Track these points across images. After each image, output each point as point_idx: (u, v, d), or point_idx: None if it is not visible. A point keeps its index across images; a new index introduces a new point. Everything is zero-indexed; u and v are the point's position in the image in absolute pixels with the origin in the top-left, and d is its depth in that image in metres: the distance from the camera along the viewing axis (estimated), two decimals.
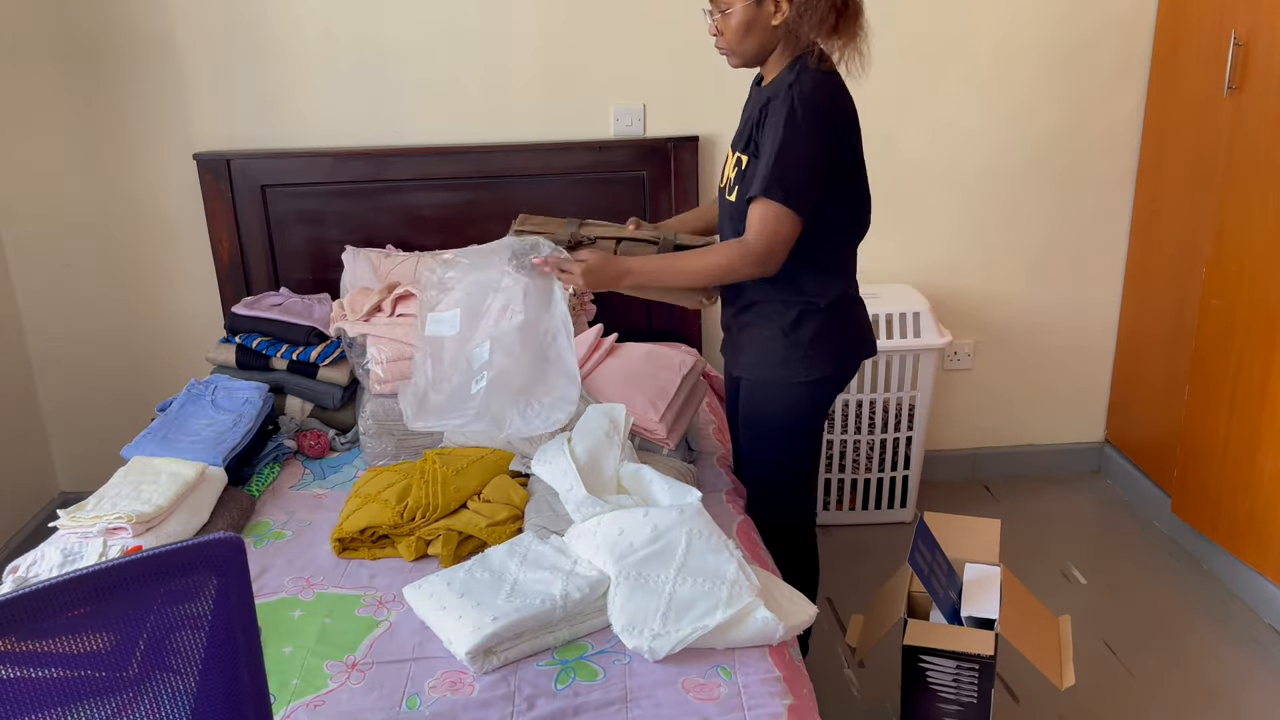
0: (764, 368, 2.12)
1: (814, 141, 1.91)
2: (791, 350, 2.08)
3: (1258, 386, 2.64)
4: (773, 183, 1.90)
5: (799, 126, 1.89)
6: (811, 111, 1.90)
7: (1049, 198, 3.20)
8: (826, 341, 2.09)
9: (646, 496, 1.97)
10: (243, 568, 1.18)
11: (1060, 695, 2.42)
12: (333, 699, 1.66)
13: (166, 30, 2.87)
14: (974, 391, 3.39)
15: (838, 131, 1.96)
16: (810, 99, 1.91)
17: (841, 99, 1.98)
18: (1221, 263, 2.76)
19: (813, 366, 2.08)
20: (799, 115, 1.89)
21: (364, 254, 2.91)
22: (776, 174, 1.90)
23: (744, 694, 1.63)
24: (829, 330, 2.09)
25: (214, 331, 2.99)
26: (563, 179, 2.99)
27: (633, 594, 1.76)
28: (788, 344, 2.08)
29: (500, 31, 2.92)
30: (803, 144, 1.90)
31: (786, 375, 2.10)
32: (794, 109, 1.90)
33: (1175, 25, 2.96)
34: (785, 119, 1.90)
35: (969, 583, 2.23)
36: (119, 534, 1.97)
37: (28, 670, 1.06)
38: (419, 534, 2.06)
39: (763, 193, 1.91)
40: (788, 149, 1.89)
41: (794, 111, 1.89)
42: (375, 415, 2.46)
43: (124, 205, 3.01)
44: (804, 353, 2.08)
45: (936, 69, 3.05)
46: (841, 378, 2.15)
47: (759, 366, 2.13)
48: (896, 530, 3.17)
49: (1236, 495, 2.75)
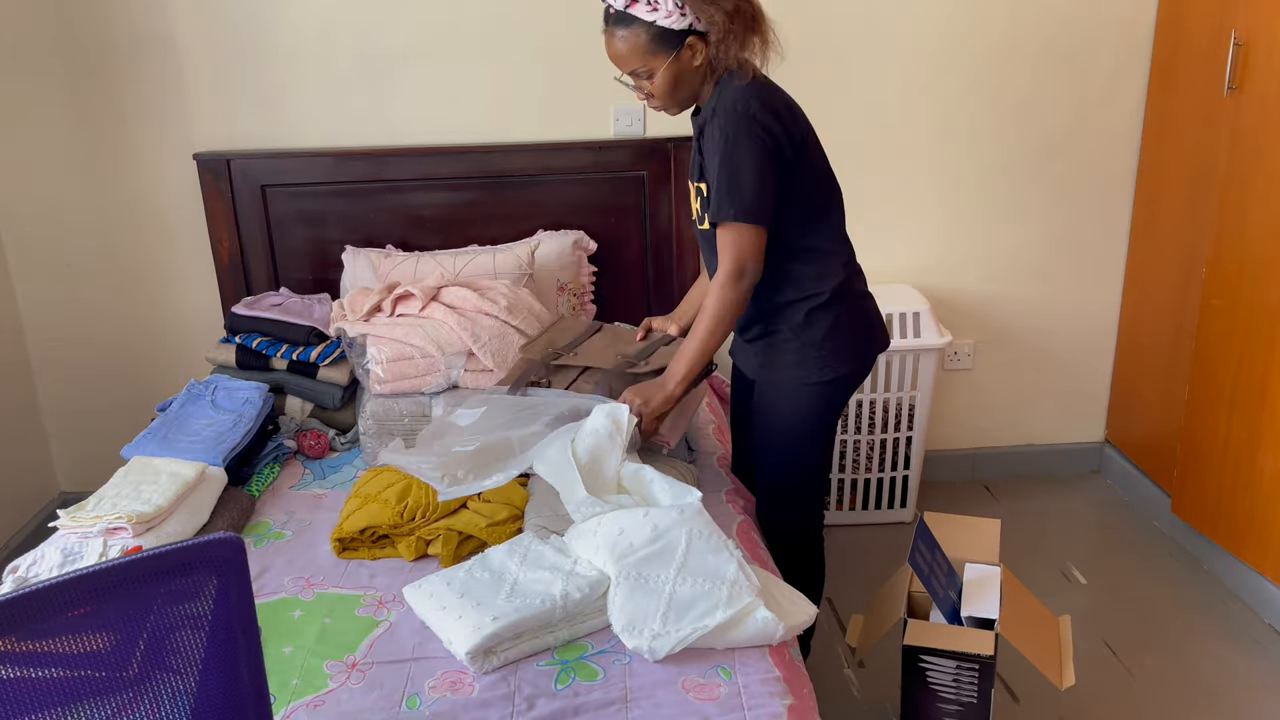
0: (778, 369, 2.12)
1: (751, 150, 1.94)
2: (805, 351, 2.08)
3: (1258, 386, 2.64)
4: (725, 205, 1.96)
5: (732, 142, 1.94)
6: (742, 123, 1.93)
7: (1049, 198, 3.20)
8: (839, 339, 2.09)
9: (647, 496, 1.97)
10: (243, 568, 1.18)
11: (1060, 695, 2.42)
12: (333, 699, 1.66)
13: (166, 30, 2.87)
14: (974, 391, 3.39)
15: (772, 133, 1.96)
16: (735, 112, 1.94)
17: (768, 98, 1.98)
18: (1221, 263, 2.76)
19: (827, 366, 2.09)
20: (729, 132, 1.94)
21: (364, 254, 2.91)
22: (726, 195, 1.95)
23: (744, 694, 1.63)
24: (840, 327, 2.09)
25: (214, 331, 2.99)
26: (563, 179, 2.99)
27: (633, 594, 1.76)
28: (800, 345, 2.08)
29: (500, 31, 2.92)
30: (741, 156, 1.94)
31: (802, 376, 2.10)
32: (723, 128, 1.94)
33: (1175, 25, 2.96)
34: (719, 140, 1.95)
35: (969, 583, 2.23)
36: (119, 534, 1.97)
37: (28, 670, 1.06)
38: (419, 534, 2.06)
39: (720, 218, 1.97)
40: (728, 167, 1.94)
41: (724, 130, 1.94)
42: (375, 415, 2.46)
43: (124, 205, 3.01)
44: (817, 353, 2.08)
45: (936, 69, 3.05)
46: (857, 374, 2.15)
47: (773, 368, 2.13)
48: (896, 530, 3.17)
49: (1236, 495, 2.75)
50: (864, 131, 3.09)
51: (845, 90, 3.04)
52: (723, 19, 1.92)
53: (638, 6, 1.92)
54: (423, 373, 2.48)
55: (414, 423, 2.47)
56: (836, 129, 3.05)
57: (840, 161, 3.06)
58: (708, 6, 1.92)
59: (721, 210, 1.96)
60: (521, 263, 2.83)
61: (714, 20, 1.92)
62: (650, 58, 1.96)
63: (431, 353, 2.48)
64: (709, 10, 1.92)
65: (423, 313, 2.57)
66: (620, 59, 1.99)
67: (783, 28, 3.06)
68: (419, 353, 2.48)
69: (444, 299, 2.60)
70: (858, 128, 3.07)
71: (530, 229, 3.01)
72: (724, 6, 1.92)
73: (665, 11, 1.91)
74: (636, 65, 1.98)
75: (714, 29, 1.93)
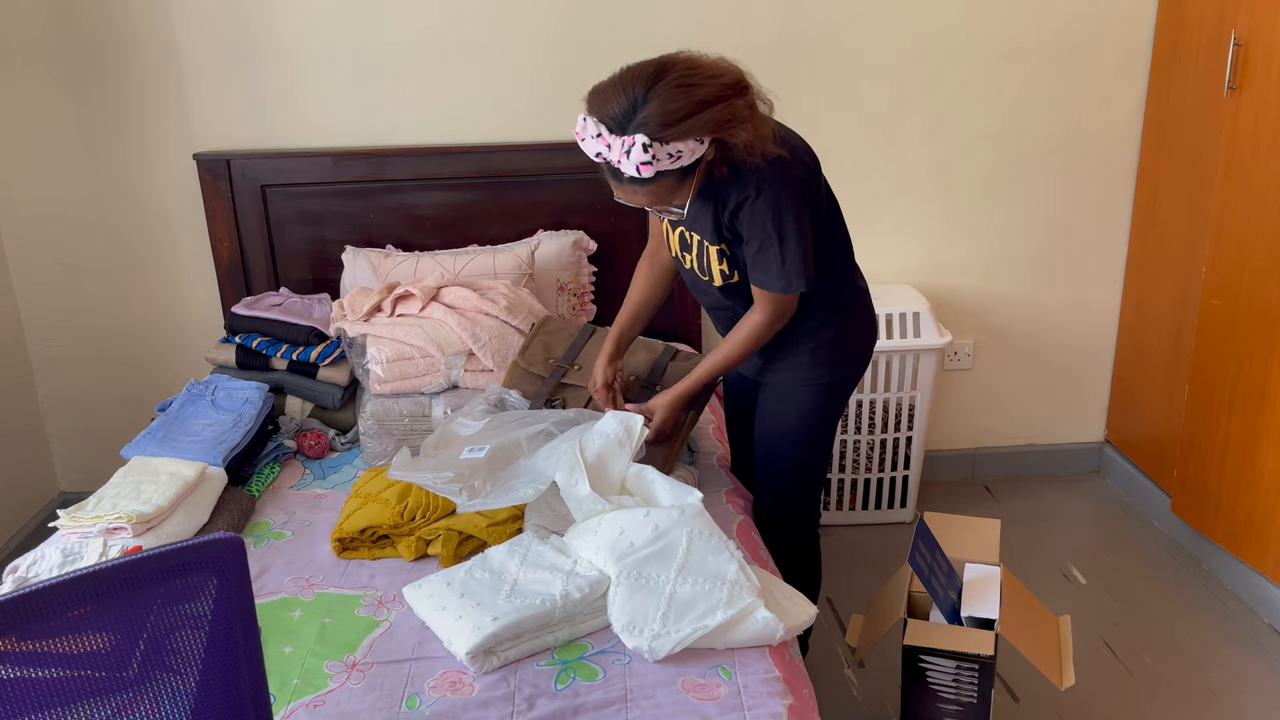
0: (784, 370, 2.14)
1: (799, 219, 1.90)
2: (815, 353, 2.10)
3: (1258, 386, 2.64)
4: (779, 279, 1.93)
5: (781, 218, 1.88)
6: (785, 195, 1.87)
7: (1049, 198, 3.20)
8: (844, 342, 2.12)
9: (648, 497, 1.97)
10: (243, 568, 1.19)
11: (1060, 695, 2.42)
12: (333, 699, 1.66)
13: (166, 30, 2.86)
14: (974, 391, 3.39)
15: (809, 186, 1.94)
16: (780, 186, 1.87)
17: (796, 155, 1.92)
18: (1221, 263, 2.76)
19: (833, 366, 2.11)
20: (778, 210, 1.87)
21: (364, 254, 2.91)
22: (781, 271, 1.92)
23: (744, 694, 1.63)
24: (847, 329, 2.12)
25: (214, 331, 2.99)
26: (563, 179, 2.99)
27: (633, 594, 1.76)
28: (812, 348, 2.10)
29: (500, 31, 2.92)
30: (789, 229, 1.89)
31: (809, 377, 2.12)
32: (772, 206, 1.87)
33: (1175, 25, 2.96)
34: (769, 218, 1.88)
35: (969, 583, 2.23)
36: (119, 534, 1.97)
37: (28, 670, 1.06)
38: (419, 534, 2.06)
39: (777, 290, 1.95)
40: (782, 244, 1.89)
41: (773, 208, 1.87)
42: (375, 415, 2.46)
43: (124, 205, 3.01)
44: (826, 354, 2.10)
45: (936, 69, 3.04)
46: (859, 373, 2.19)
47: (779, 370, 2.15)
48: (896, 530, 3.17)
49: (1236, 495, 2.75)
50: (864, 131, 3.08)
51: (846, 90, 3.04)
52: (747, 130, 1.79)
53: (660, 163, 1.75)
54: (423, 373, 2.48)
55: (414, 423, 2.47)
56: (837, 129, 3.06)
57: (841, 161, 3.08)
58: (730, 127, 1.77)
59: (775, 283, 1.94)
60: (521, 263, 2.83)
61: (740, 136, 1.78)
62: (679, 191, 1.85)
63: (431, 353, 2.48)
64: (732, 130, 1.78)
65: (423, 313, 2.57)
66: (646, 204, 1.87)
67: (784, 27, 3.07)
68: (419, 353, 2.48)
69: (444, 299, 2.60)
70: (858, 128, 3.07)
71: (530, 229, 3.01)
72: (741, 117, 1.78)
73: (690, 153, 1.77)
74: (667, 202, 1.87)
75: (742, 141, 1.79)
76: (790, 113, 3.02)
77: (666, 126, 1.72)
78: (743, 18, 2.94)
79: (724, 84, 1.77)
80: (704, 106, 1.74)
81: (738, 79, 1.81)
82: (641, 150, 1.72)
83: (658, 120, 1.72)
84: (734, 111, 1.77)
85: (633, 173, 1.75)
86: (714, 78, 1.77)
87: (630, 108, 1.74)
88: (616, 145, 1.74)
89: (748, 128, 1.79)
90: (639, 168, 1.73)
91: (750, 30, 2.95)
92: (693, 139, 1.75)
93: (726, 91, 1.77)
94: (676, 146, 1.74)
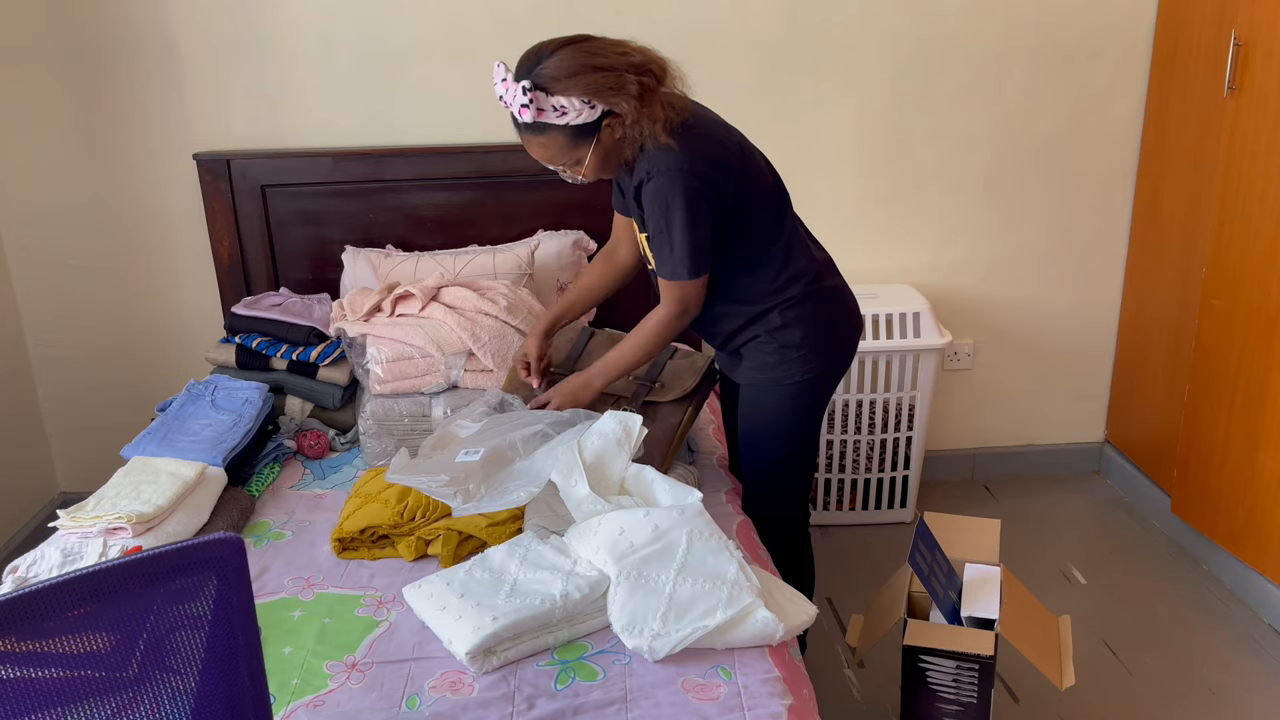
0: (761, 371, 2.14)
1: (687, 210, 1.96)
2: (784, 352, 2.10)
3: (1258, 386, 2.64)
4: (667, 266, 2.02)
5: (670, 206, 1.96)
6: (675, 185, 1.94)
7: (1049, 198, 3.20)
8: (817, 337, 2.11)
9: (648, 497, 1.97)
10: (243, 568, 1.18)
11: (1060, 695, 2.42)
12: (332, 699, 1.66)
13: (166, 30, 2.87)
14: (974, 391, 3.39)
15: (710, 182, 1.97)
16: (669, 175, 1.94)
17: (699, 151, 1.97)
18: (1221, 263, 2.76)
19: (807, 364, 2.11)
20: (666, 197, 1.96)
21: (364, 254, 2.91)
22: (669, 257, 2.00)
23: (744, 694, 1.63)
24: (817, 324, 2.11)
25: (214, 331, 3.00)
26: (563, 179, 2.98)
27: (633, 594, 1.76)
28: (779, 346, 2.10)
29: (500, 31, 2.92)
30: (676, 219, 1.96)
31: (782, 376, 2.12)
32: (660, 191, 1.95)
33: (1175, 25, 2.96)
34: (658, 205, 1.97)
35: (969, 583, 2.23)
36: (119, 534, 1.97)
37: (28, 670, 1.06)
38: (419, 534, 2.06)
39: (665, 275, 2.04)
40: (668, 232, 1.98)
41: (661, 194, 1.96)
42: (375, 415, 2.46)
43: (124, 205, 3.01)
44: (796, 353, 2.10)
45: (936, 69, 3.04)
46: (838, 369, 2.18)
47: (756, 370, 2.15)
48: (896, 530, 3.17)
49: (1236, 495, 2.75)
50: (864, 131, 3.08)
51: (845, 90, 3.04)
52: (631, 103, 1.90)
53: (546, 115, 1.90)
54: (422, 373, 2.48)
55: (414, 423, 2.47)
56: (836, 129, 3.06)
57: (840, 162, 3.09)
58: (613, 94, 1.89)
59: (664, 269, 2.03)
60: (521, 263, 2.83)
61: (623, 106, 1.90)
62: (573, 152, 1.97)
63: (431, 353, 2.48)
64: (615, 99, 1.90)
65: (423, 313, 2.57)
66: (545, 159, 2.01)
67: (783, 27, 3.07)
68: (419, 353, 2.48)
69: (444, 299, 2.60)
70: (857, 128, 3.07)
71: (530, 229, 3.01)
72: (629, 91, 1.89)
73: (575, 112, 1.90)
74: (563, 162, 2.00)
75: (627, 114, 1.91)
76: (790, 112, 3.05)
77: (553, 80, 1.89)
78: (742, 18, 2.94)
79: (625, 60, 1.91)
80: (592, 70, 1.89)
81: (644, 62, 1.94)
82: (522, 93, 1.88)
83: (549, 74, 1.89)
84: (620, 82, 1.89)
85: (517, 114, 1.91)
86: (620, 55, 1.92)
87: (536, 61, 1.92)
88: (513, 89, 1.90)
89: (633, 104, 1.90)
90: (520, 109, 1.90)
91: (750, 30, 2.95)
92: (576, 97, 1.89)
93: (621, 64, 1.90)
94: (559, 100, 1.89)
